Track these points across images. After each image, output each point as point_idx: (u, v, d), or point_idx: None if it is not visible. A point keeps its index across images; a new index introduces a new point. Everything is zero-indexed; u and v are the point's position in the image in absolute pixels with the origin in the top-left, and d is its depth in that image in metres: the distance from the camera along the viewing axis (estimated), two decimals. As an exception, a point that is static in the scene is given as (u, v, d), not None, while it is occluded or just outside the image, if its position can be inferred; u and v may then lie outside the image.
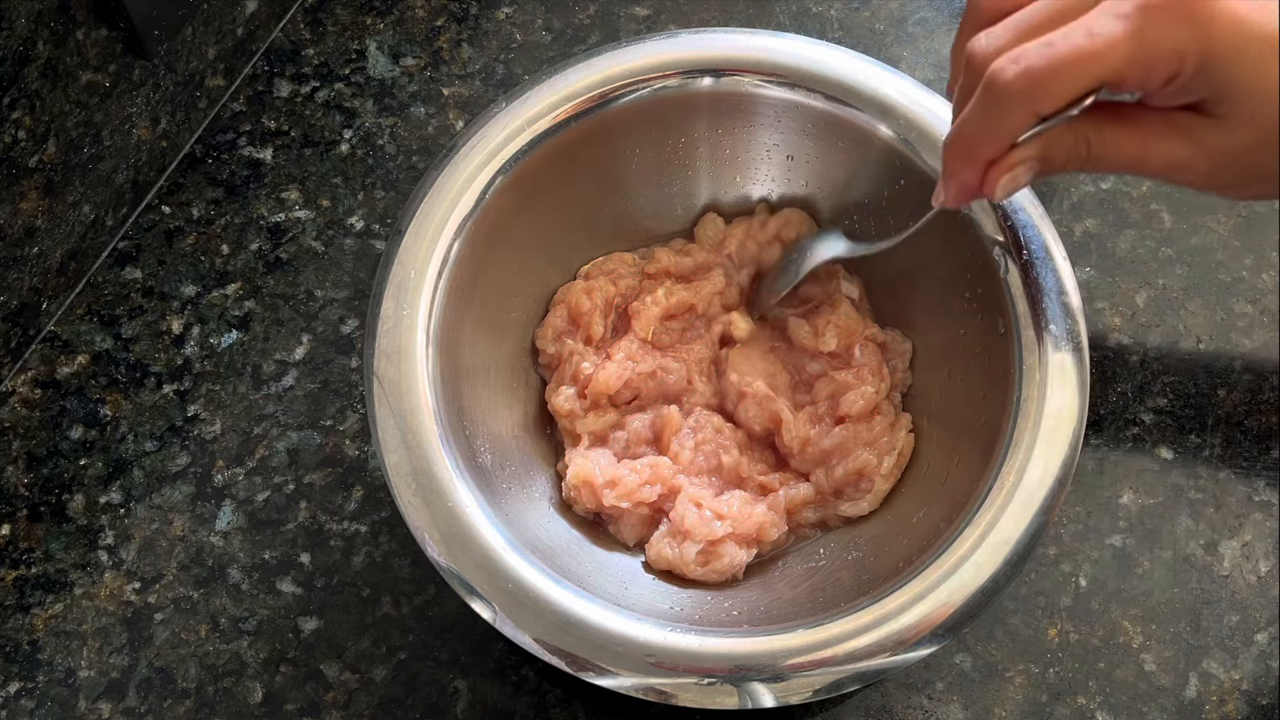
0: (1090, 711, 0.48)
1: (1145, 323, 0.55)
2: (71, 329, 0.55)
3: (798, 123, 0.50)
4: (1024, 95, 0.36)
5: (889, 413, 0.49)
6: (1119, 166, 0.39)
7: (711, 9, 0.63)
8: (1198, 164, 0.37)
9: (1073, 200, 0.57)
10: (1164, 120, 0.37)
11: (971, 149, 0.38)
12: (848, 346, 0.50)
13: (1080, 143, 0.38)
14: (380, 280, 0.46)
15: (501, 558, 0.42)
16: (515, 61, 0.61)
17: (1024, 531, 0.41)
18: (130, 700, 0.48)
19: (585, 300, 0.51)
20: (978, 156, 0.38)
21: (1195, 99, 0.36)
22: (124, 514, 0.51)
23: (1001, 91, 0.36)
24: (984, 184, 0.39)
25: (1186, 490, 0.51)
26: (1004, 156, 0.38)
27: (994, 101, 0.36)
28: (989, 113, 0.37)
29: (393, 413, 0.44)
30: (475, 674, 0.48)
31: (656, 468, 0.48)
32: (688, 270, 0.52)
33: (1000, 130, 0.37)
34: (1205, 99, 0.36)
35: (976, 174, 0.39)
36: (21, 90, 0.47)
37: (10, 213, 0.50)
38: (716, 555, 0.47)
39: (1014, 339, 0.45)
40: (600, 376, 0.49)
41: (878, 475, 0.48)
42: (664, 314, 0.51)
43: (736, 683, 0.40)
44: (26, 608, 0.50)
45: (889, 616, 0.40)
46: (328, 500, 0.52)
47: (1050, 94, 0.36)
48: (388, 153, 0.59)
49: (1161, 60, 0.35)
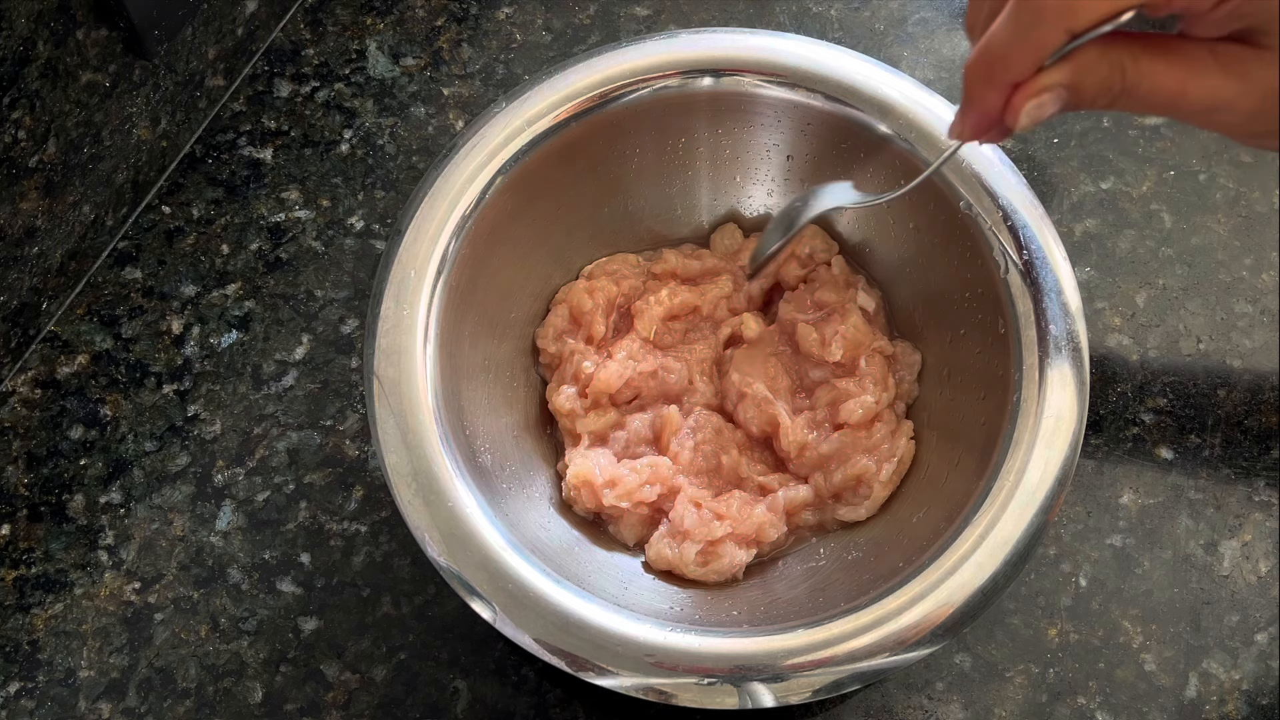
0: (1090, 711, 0.48)
1: (1145, 323, 0.55)
2: (71, 329, 0.55)
3: (798, 123, 0.50)
4: (1060, 8, 0.33)
5: (890, 420, 0.49)
6: (1156, 103, 0.35)
7: (711, 9, 0.63)
8: (1241, 102, 0.34)
9: (1073, 200, 0.57)
10: (1207, 51, 0.34)
11: (997, 68, 0.35)
12: (853, 358, 0.50)
13: (1115, 72, 0.35)
14: (380, 280, 0.46)
15: (501, 558, 0.42)
16: (515, 61, 0.61)
17: (1024, 531, 0.41)
18: (130, 700, 0.48)
19: (587, 299, 0.51)
20: (1004, 77, 0.35)
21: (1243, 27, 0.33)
22: (124, 514, 0.51)
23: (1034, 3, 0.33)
24: (1007, 111, 0.36)
25: (1186, 490, 0.51)
26: (1031, 80, 0.35)
27: (1028, 16, 0.33)
28: (1019, 27, 0.34)
29: (393, 413, 0.44)
30: (475, 674, 0.48)
31: (656, 468, 0.48)
32: (695, 273, 0.52)
33: (1030, 47, 0.34)
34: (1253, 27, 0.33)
35: (1000, 98, 0.36)
36: (21, 90, 0.47)
37: (10, 213, 0.50)
38: (716, 555, 0.47)
39: (1014, 339, 0.45)
40: (601, 375, 0.49)
41: (876, 482, 0.47)
42: (667, 314, 0.51)
43: (736, 683, 0.40)
44: (26, 608, 0.50)
45: (889, 616, 0.40)
46: (328, 500, 0.52)
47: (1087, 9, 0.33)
48: (388, 153, 0.59)
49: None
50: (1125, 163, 0.58)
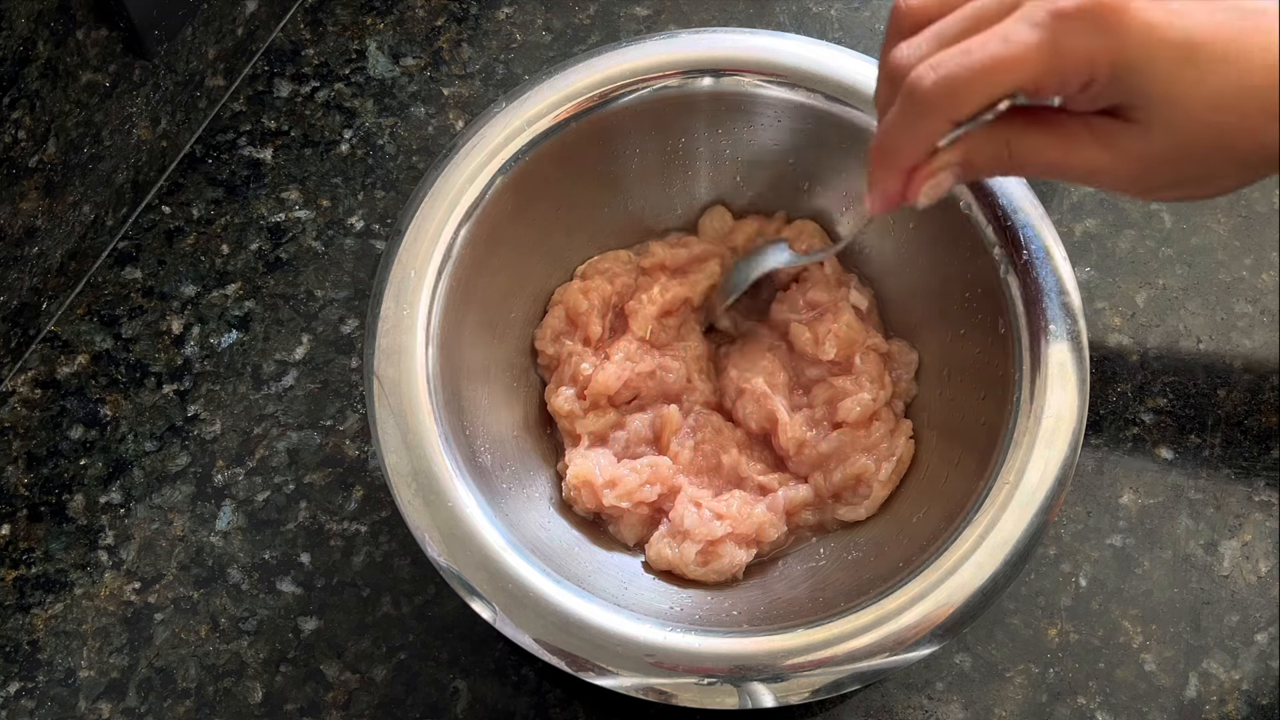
0: (1090, 711, 0.48)
1: (1145, 323, 0.55)
2: (71, 329, 0.55)
3: (798, 123, 0.50)
4: (941, 102, 0.36)
5: (889, 419, 0.49)
6: (1041, 170, 0.39)
7: (711, 9, 0.63)
8: (1118, 169, 0.37)
9: (1073, 200, 0.57)
10: (1084, 125, 0.37)
11: (893, 156, 0.39)
12: (847, 356, 0.50)
13: (1001, 147, 0.38)
14: (380, 280, 0.46)
15: (501, 558, 0.42)
16: (515, 61, 0.61)
17: (1024, 531, 0.41)
18: (130, 700, 0.48)
19: (582, 301, 0.51)
20: (899, 163, 0.39)
21: (1113, 104, 0.36)
22: (124, 514, 0.51)
23: (920, 99, 0.36)
24: (907, 190, 0.39)
25: (1186, 490, 0.51)
26: (926, 163, 0.39)
27: (913, 109, 0.37)
28: (908, 120, 0.37)
29: (393, 413, 0.44)
30: (475, 674, 0.48)
31: (656, 468, 0.48)
32: (683, 262, 0.52)
33: (919, 136, 0.38)
34: (1123, 104, 0.36)
35: (899, 180, 0.39)
36: (21, 90, 0.47)
37: (10, 213, 0.50)
38: (716, 555, 0.47)
39: (1014, 339, 0.45)
40: (599, 377, 0.49)
41: (876, 481, 0.47)
42: (660, 311, 0.51)
43: (736, 683, 0.40)
44: (26, 608, 0.50)
45: (889, 616, 0.40)
46: (328, 500, 0.52)
47: (966, 101, 0.36)
48: (388, 153, 0.59)
49: (1075, 68, 0.35)
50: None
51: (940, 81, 0.36)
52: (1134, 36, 0.35)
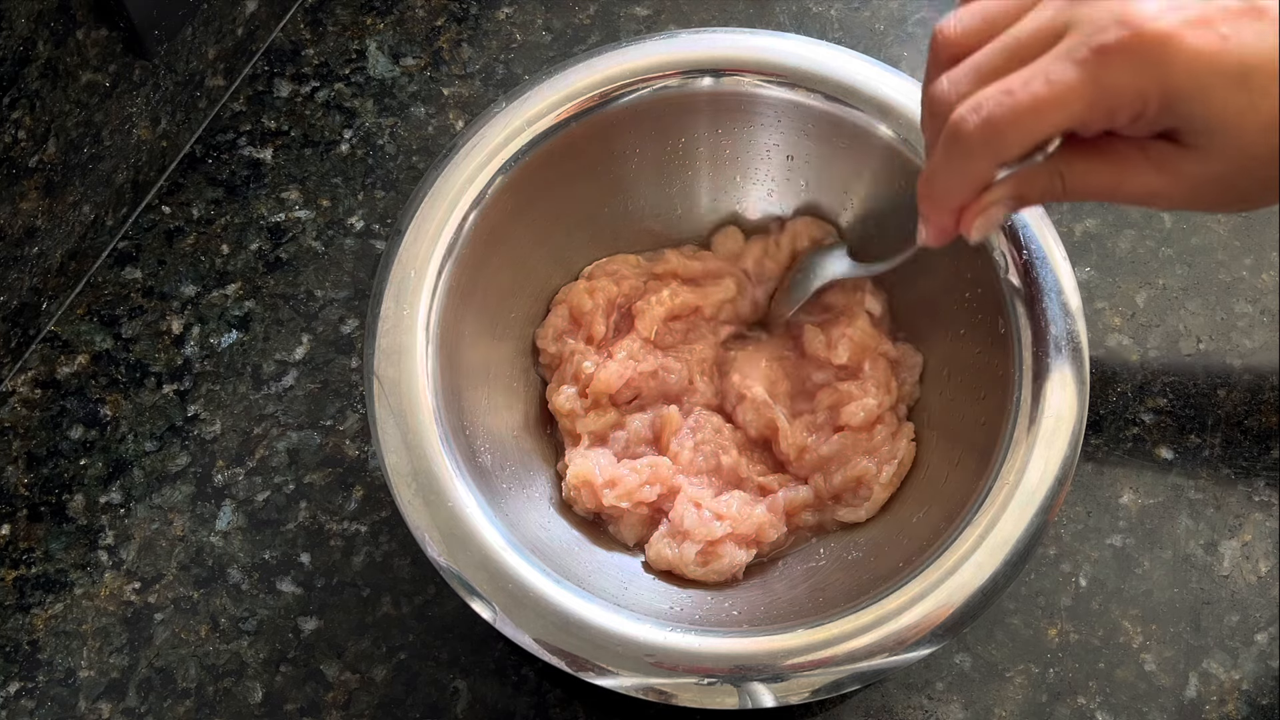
0: (1090, 711, 0.48)
1: (1145, 323, 0.55)
2: (71, 329, 0.55)
3: (798, 123, 0.50)
4: (986, 145, 0.35)
5: (891, 423, 0.49)
6: (1096, 196, 0.38)
7: (711, 9, 0.63)
8: (1174, 192, 0.37)
9: (1073, 200, 0.57)
10: (1138, 150, 0.37)
11: (940, 196, 0.39)
12: (859, 361, 0.50)
13: (1055, 179, 0.38)
14: (380, 280, 0.46)
15: (501, 558, 0.42)
16: (515, 61, 0.61)
17: (1024, 531, 0.41)
18: (130, 700, 0.48)
19: (587, 300, 0.51)
20: (948, 203, 0.39)
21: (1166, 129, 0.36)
22: (124, 514, 0.51)
23: (964, 142, 0.36)
24: (960, 226, 0.39)
25: (1186, 490, 0.51)
26: (977, 199, 0.38)
27: (958, 152, 0.36)
28: (954, 163, 0.37)
29: (393, 413, 0.44)
30: (475, 674, 0.48)
31: (656, 468, 0.48)
32: (696, 274, 0.52)
33: (967, 179, 0.37)
34: (1176, 128, 0.36)
35: (951, 218, 0.39)
36: (21, 90, 0.47)
37: (10, 213, 0.50)
38: (716, 555, 0.47)
39: (1014, 339, 0.45)
40: (601, 375, 0.49)
41: (876, 484, 0.47)
42: (668, 314, 0.51)
43: (736, 683, 0.40)
44: (26, 608, 0.50)
45: (889, 616, 0.40)
46: (328, 500, 0.52)
47: (1012, 143, 0.35)
48: (388, 153, 0.59)
49: (1123, 104, 0.34)
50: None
51: (983, 125, 0.35)
52: (1183, 66, 0.34)
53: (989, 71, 0.36)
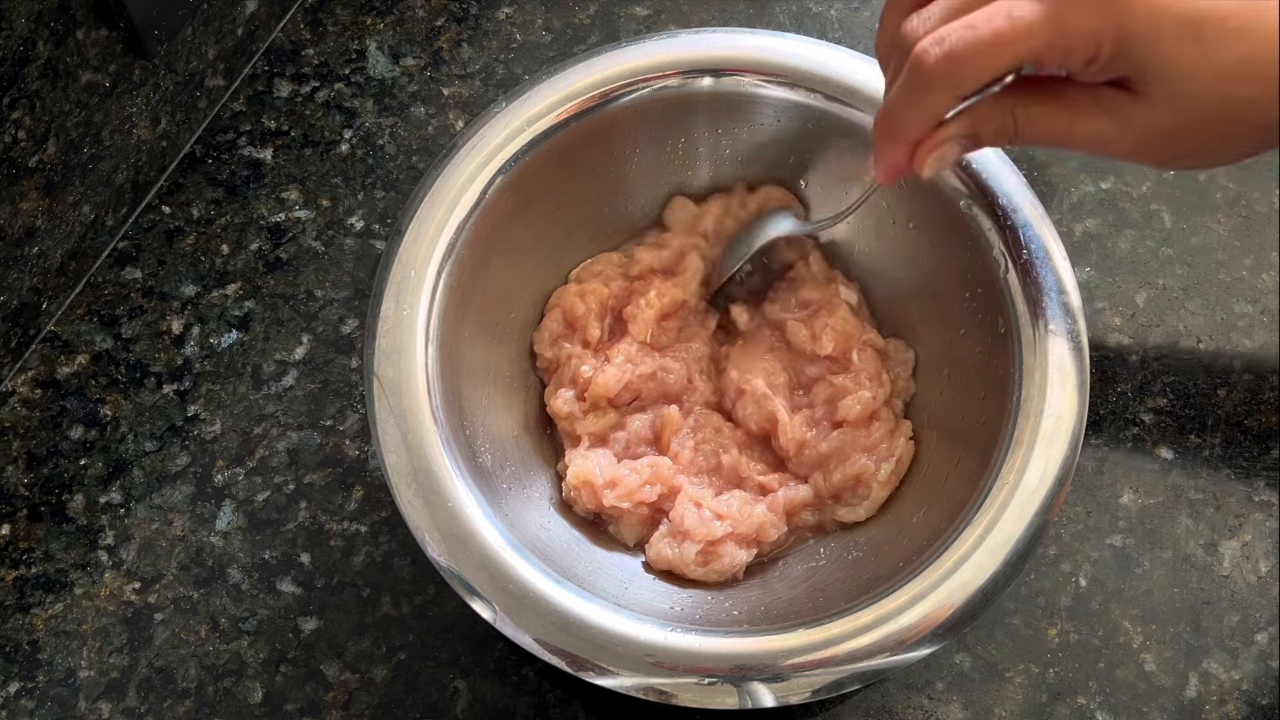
0: (1090, 711, 0.48)
1: (1145, 323, 0.55)
2: (71, 329, 0.55)
3: (798, 123, 0.50)
4: (945, 78, 0.36)
5: (889, 419, 0.49)
6: (1046, 141, 0.39)
7: (711, 9, 0.63)
8: (1123, 139, 0.38)
9: (1073, 200, 0.57)
10: (1089, 96, 0.37)
11: (898, 128, 0.39)
12: (845, 351, 0.50)
13: (1006, 118, 0.38)
14: (380, 280, 0.46)
15: (501, 558, 0.42)
16: (515, 61, 0.61)
17: (1024, 531, 0.41)
18: (130, 700, 0.48)
19: (579, 304, 0.51)
20: (904, 136, 0.39)
21: (1119, 76, 0.37)
22: (124, 514, 0.51)
23: (924, 74, 0.36)
24: (913, 161, 0.40)
25: (1186, 490, 0.51)
26: (931, 135, 0.39)
27: (919, 83, 0.37)
28: (913, 95, 0.37)
29: (393, 413, 0.44)
30: (475, 674, 0.48)
31: (656, 468, 0.48)
32: (670, 263, 0.52)
33: (924, 110, 0.38)
34: (1129, 77, 0.36)
35: (904, 152, 0.39)
36: (21, 90, 0.47)
37: (10, 213, 0.50)
38: (716, 555, 0.47)
39: (1014, 339, 0.45)
40: (600, 380, 0.49)
41: (875, 482, 0.47)
42: (659, 315, 0.51)
43: (736, 683, 0.40)
44: (26, 608, 0.50)
45: (889, 616, 0.40)
46: (328, 500, 0.52)
47: (970, 76, 0.36)
48: (388, 153, 0.59)
49: (1079, 43, 0.35)
50: (1125, 163, 0.58)
51: (944, 57, 0.36)
52: (1139, 12, 0.35)
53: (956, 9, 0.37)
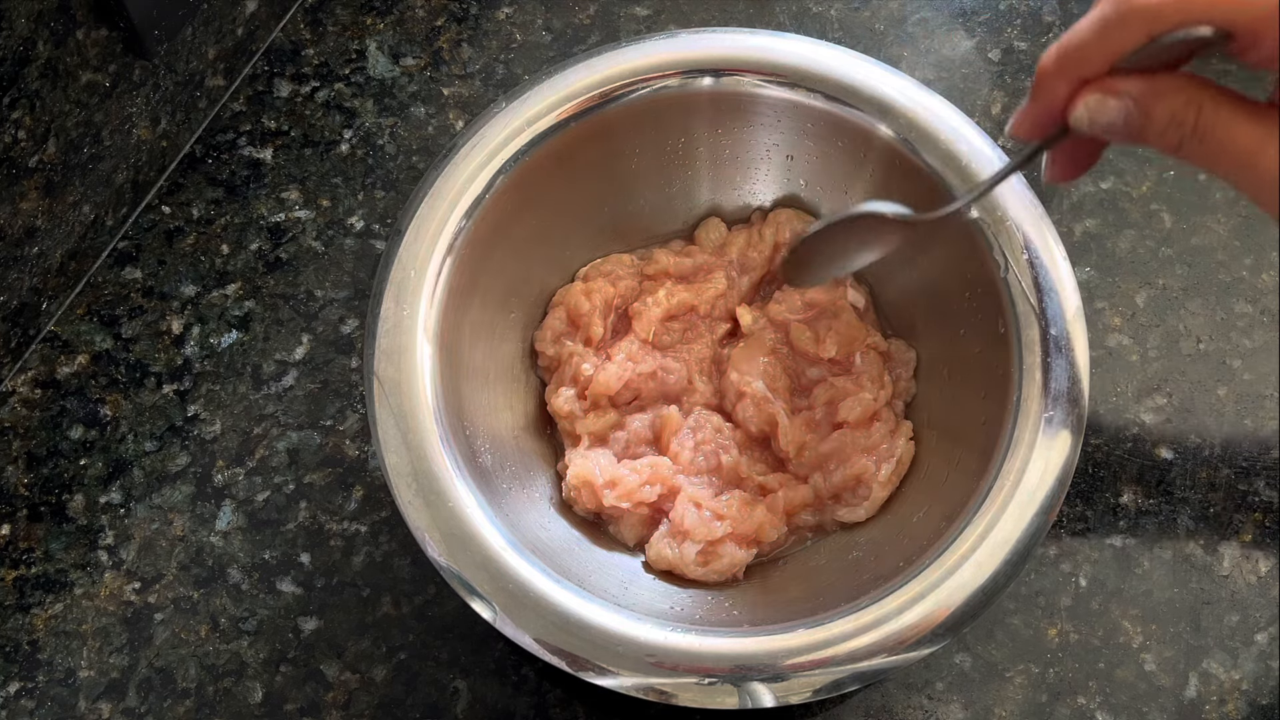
0: (1090, 711, 0.48)
1: (1145, 323, 0.55)
2: (71, 329, 0.55)
3: (798, 123, 0.50)
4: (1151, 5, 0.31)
5: (889, 420, 0.49)
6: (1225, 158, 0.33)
7: (711, 9, 0.63)
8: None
9: (1073, 200, 0.57)
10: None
11: (1070, 59, 0.34)
12: (848, 354, 0.50)
13: (1190, 107, 0.33)
14: (380, 280, 0.46)
15: (501, 558, 0.42)
16: (515, 61, 0.61)
17: (1024, 531, 0.41)
18: (130, 700, 0.48)
19: (584, 302, 0.51)
20: (1076, 71, 0.34)
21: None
22: (124, 514, 0.51)
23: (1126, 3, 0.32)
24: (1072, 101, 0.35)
25: (1186, 490, 0.51)
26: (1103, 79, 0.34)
27: (1112, 9, 0.32)
28: (1102, 21, 0.33)
29: (393, 413, 0.44)
30: (475, 674, 0.48)
31: (656, 468, 0.48)
32: (687, 271, 0.52)
33: (1108, 41, 0.33)
34: None
35: (1067, 89, 0.34)
36: (21, 90, 0.47)
37: (10, 213, 0.50)
38: (716, 555, 0.47)
39: (1014, 339, 0.45)
40: (600, 378, 0.49)
41: (875, 482, 0.47)
42: (665, 315, 0.51)
43: (736, 683, 0.40)
44: (26, 608, 0.50)
45: (889, 616, 0.40)
46: (328, 500, 0.52)
47: (1173, 12, 0.31)
48: (388, 153, 0.59)
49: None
50: (1125, 163, 0.58)
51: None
52: None
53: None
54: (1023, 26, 0.62)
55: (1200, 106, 0.33)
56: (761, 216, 0.53)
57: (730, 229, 0.53)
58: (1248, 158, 0.32)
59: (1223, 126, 0.33)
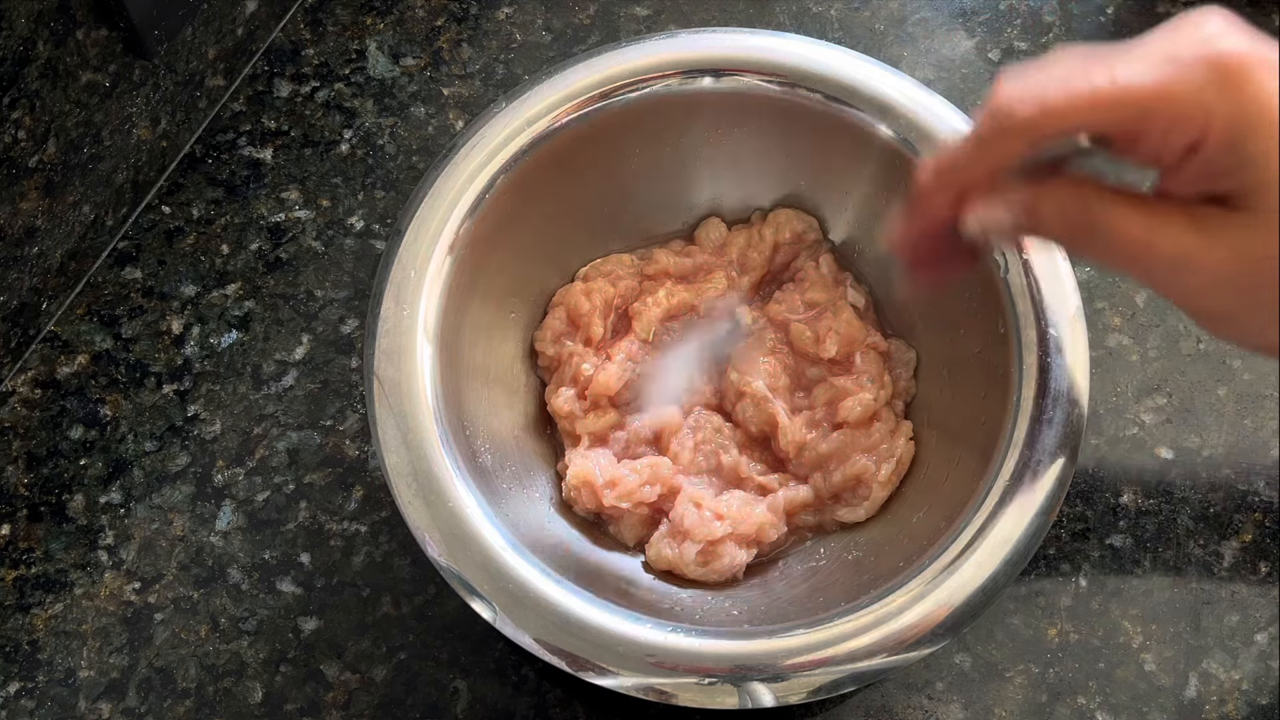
0: (1090, 711, 0.48)
1: (1145, 323, 0.55)
2: (71, 329, 0.55)
3: (798, 123, 0.50)
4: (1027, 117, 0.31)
5: (889, 420, 0.49)
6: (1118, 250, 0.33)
7: (711, 9, 0.63)
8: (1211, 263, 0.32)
9: (1073, 200, 0.57)
10: (1180, 209, 0.32)
11: (949, 171, 0.34)
12: (848, 354, 0.50)
13: (1080, 207, 0.33)
14: (380, 280, 0.46)
15: (501, 558, 0.42)
16: (515, 61, 0.61)
17: (1024, 531, 0.41)
18: (130, 700, 0.48)
19: (584, 302, 0.51)
20: (956, 179, 0.34)
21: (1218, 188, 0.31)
22: (124, 514, 0.51)
23: (1004, 111, 0.32)
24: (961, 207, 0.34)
25: (1186, 490, 0.51)
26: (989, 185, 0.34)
27: (992, 122, 0.32)
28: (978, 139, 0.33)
29: (393, 413, 0.44)
30: (475, 674, 0.48)
31: (656, 468, 0.48)
32: (687, 271, 0.52)
33: (989, 152, 0.33)
34: (1230, 191, 0.31)
35: (947, 200, 0.34)
36: (21, 90, 0.47)
37: (10, 213, 0.50)
38: (716, 555, 0.47)
39: (1013, 339, 0.45)
40: (600, 377, 0.49)
41: (875, 482, 0.47)
42: (665, 315, 0.51)
43: (736, 683, 0.40)
44: (26, 608, 0.50)
45: (889, 616, 0.40)
46: (328, 500, 0.52)
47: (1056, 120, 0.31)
48: (388, 153, 0.59)
49: (1185, 115, 0.30)
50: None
51: (1031, 99, 0.31)
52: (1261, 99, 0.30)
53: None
54: (1023, 27, 0.62)
55: (1089, 206, 0.33)
56: (761, 216, 0.53)
57: (730, 229, 0.53)
58: (1140, 249, 0.33)
59: (1113, 221, 0.33)
